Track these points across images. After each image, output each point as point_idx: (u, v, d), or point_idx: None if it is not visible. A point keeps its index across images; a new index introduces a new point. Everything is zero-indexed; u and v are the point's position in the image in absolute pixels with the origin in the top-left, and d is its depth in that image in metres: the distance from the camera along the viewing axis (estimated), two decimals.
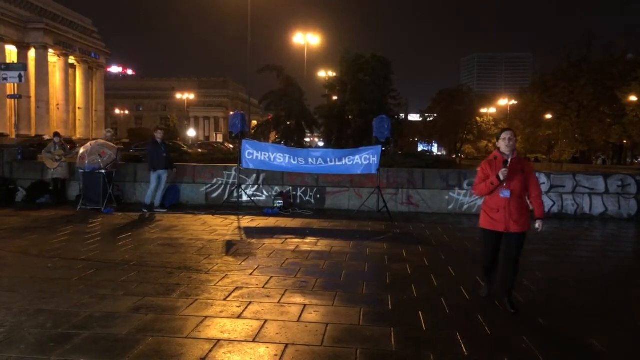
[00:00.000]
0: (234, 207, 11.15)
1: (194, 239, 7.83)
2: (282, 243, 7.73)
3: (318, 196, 11.96)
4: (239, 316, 4.43)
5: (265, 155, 10.91)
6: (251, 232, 8.74)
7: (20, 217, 9.68)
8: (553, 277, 6.11)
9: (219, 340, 3.89)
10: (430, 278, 5.86)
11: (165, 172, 11.14)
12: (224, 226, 9.17)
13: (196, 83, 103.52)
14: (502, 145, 4.70)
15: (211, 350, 3.71)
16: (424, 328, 4.28)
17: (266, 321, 4.31)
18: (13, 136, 38.29)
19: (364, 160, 10.51)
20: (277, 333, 4.05)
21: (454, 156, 66.32)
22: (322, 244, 7.70)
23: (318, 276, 5.81)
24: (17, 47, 51.49)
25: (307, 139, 35.51)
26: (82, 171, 10.95)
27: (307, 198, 11.97)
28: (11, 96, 20.02)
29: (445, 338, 4.05)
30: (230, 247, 7.36)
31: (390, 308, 4.78)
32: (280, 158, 10.84)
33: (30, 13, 54.11)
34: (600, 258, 7.57)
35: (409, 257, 6.95)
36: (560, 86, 47.15)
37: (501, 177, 4.57)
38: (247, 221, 9.84)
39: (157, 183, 11.05)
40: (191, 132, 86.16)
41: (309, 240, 8.02)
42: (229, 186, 11.99)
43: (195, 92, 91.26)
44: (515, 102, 62.33)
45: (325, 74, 37.73)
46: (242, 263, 6.38)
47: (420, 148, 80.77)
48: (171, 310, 4.54)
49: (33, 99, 52.31)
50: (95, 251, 6.83)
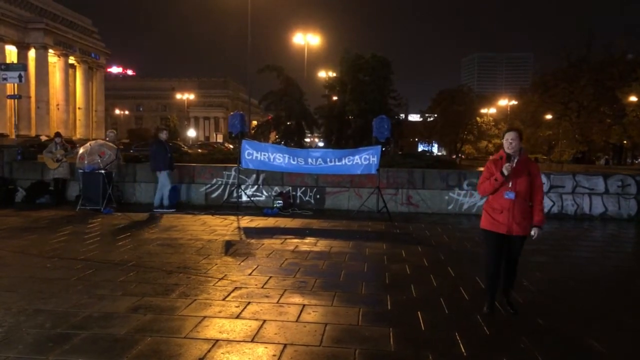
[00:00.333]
0: (234, 207, 11.15)
1: (194, 239, 7.83)
2: (282, 243, 7.72)
3: (318, 196, 11.95)
4: (238, 316, 4.42)
5: (264, 155, 10.91)
6: (250, 232, 8.74)
7: (19, 217, 9.68)
8: (553, 278, 6.10)
9: (218, 340, 3.89)
10: (429, 278, 5.86)
11: (169, 172, 11.11)
12: (224, 226, 9.17)
13: (196, 83, 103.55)
14: (505, 145, 4.63)
15: (209, 350, 3.70)
16: (423, 328, 4.27)
17: (265, 321, 4.30)
18: (13, 136, 38.20)
19: (364, 160, 10.51)
20: (276, 333, 4.05)
21: (454, 156, 66.24)
22: (322, 244, 7.70)
23: (317, 276, 5.81)
24: (17, 47, 51.52)
25: (307, 139, 35.46)
26: (82, 171, 10.95)
27: (307, 198, 11.97)
28: (11, 96, 19.96)
29: (444, 338, 4.05)
30: (229, 247, 7.36)
31: (389, 308, 4.78)
32: (279, 158, 10.84)
33: (30, 13, 54.17)
34: (600, 258, 7.55)
35: (409, 258, 6.95)
36: (560, 86, 47.16)
37: (505, 173, 4.47)
38: (247, 221, 9.83)
39: (166, 182, 10.97)
40: (191, 132, 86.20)
41: (309, 240, 8.02)
42: (229, 186, 11.99)
43: (195, 92, 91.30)
44: (515, 103, 62.32)
45: (325, 74, 37.68)
46: (241, 263, 6.38)
47: (420, 148, 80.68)
48: (170, 310, 4.53)
49: (33, 99, 52.32)
50: (94, 251, 6.83)
